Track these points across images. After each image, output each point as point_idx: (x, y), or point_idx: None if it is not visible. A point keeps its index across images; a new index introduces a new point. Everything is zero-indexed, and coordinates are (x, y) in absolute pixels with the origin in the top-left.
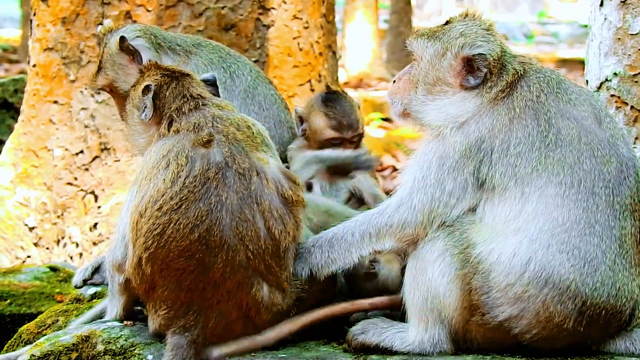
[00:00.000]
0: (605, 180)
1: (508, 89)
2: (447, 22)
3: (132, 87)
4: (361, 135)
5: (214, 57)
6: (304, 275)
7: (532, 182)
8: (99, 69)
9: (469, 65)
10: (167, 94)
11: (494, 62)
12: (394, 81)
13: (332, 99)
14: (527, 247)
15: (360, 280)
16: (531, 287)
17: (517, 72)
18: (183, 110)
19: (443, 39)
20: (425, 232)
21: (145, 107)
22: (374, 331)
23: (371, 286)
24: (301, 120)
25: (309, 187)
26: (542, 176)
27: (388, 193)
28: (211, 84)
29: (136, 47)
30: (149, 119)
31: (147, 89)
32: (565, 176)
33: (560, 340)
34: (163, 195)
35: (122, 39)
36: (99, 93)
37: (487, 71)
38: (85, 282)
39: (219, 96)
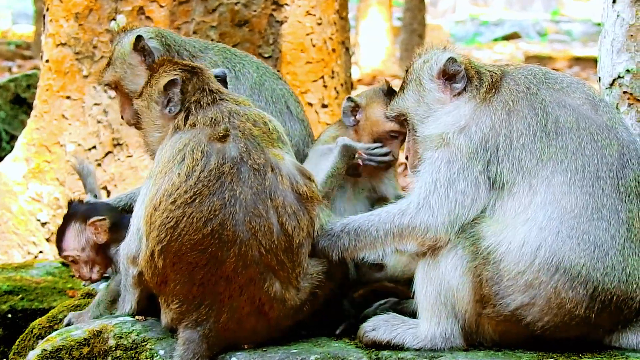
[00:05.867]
0: (608, 164)
1: (494, 89)
2: (407, 70)
3: (147, 83)
4: None
5: (218, 59)
6: (334, 257)
7: (538, 173)
8: (108, 65)
9: (446, 77)
10: (189, 88)
11: (467, 63)
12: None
13: (394, 93)
14: (537, 234)
15: (368, 271)
16: (542, 273)
17: (495, 73)
18: (201, 103)
19: (412, 79)
20: (447, 237)
21: (170, 101)
22: (385, 328)
23: (379, 276)
24: (355, 110)
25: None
26: (547, 166)
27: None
28: (221, 79)
29: (151, 48)
30: (175, 113)
31: (172, 83)
32: (570, 163)
33: (572, 328)
34: (178, 189)
35: (139, 38)
36: (105, 91)
37: (464, 71)
38: None
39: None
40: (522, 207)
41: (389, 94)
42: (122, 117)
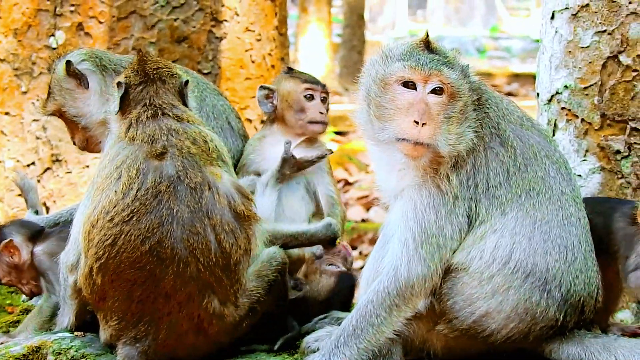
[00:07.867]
0: (565, 180)
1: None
2: (428, 45)
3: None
4: (328, 94)
5: None
6: None
7: (513, 204)
8: (49, 94)
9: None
10: (132, 97)
11: None
12: (424, 124)
13: (293, 70)
14: (510, 238)
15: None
16: (514, 276)
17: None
18: (141, 118)
19: (457, 64)
20: (440, 280)
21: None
22: (327, 340)
23: (300, 295)
24: (269, 96)
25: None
26: (521, 196)
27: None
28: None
29: (82, 71)
30: (116, 113)
31: (118, 84)
32: (541, 188)
33: (533, 333)
34: (115, 206)
35: (68, 63)
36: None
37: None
38: None
39: (186, 100)
40: (491, 226)
41: (291, 70)
42: (74, 143)
